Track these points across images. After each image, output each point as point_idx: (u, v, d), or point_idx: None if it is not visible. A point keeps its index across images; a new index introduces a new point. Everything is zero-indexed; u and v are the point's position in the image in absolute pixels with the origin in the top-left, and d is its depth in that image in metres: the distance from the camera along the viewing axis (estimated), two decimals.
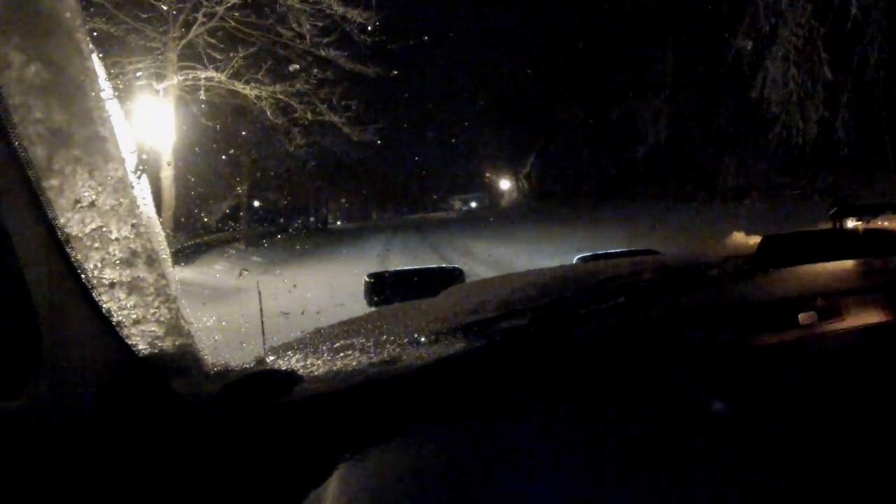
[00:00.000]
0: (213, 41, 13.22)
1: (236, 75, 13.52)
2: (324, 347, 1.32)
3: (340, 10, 13.07)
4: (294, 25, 13.38)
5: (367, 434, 1.00)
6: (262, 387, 1.08)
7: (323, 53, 13.99)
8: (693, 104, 18.64)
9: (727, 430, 0.99)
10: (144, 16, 12.46)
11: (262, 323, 1.55)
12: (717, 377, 1.20)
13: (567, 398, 1.12)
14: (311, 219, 39.03)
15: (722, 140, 17.74)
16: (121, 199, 0.85)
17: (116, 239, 0.86)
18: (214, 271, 15.45)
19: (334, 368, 1.19)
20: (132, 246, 0.88)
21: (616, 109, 21.63)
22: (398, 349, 1.27)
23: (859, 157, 11.65)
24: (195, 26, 12.88)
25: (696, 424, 1.01)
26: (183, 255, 15.66)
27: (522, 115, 33.18)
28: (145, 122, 12.06)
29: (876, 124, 11.18)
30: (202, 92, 13.72)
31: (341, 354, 1.28)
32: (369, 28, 13.49)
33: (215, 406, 1.01)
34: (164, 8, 12.55)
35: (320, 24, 13.48)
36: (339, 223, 48.65)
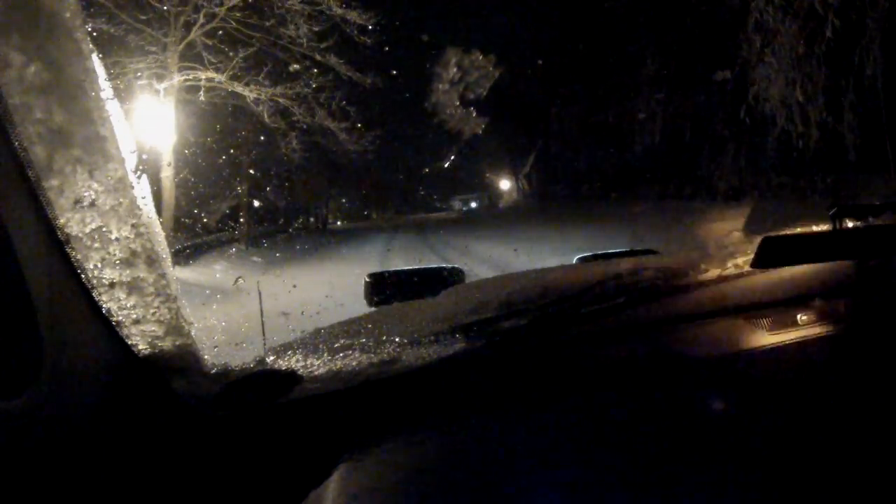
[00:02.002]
0: (214, 42, 13.23)
1: (237, 77, 13.53)
2: (324, 347, 1.32)
3: (340, 10, 13.09)
4: (291, 28, 13.40)
5: (367, 434, 1.00)
6: (262, 387, 1.08)
7: (320, 58, 14.02)
8: (692, 103, 18.63)
9: (727, 431, 0.99)
10: (144, 17, 12.48)
11: (263, 323, 1.55)
12: (716, 378, 1.20)
13: (567, 398, 1.12)
14: (311, 219, 38.91)
15: (721, 140, 17.72)
16: (121, 199, 0.85)
17: (116, 239, 0.86)
18: (214, 271, 15.42)
19: (334, 368, 1.19)
20: (132, 246, 0.88)
21: (615, 109, 21.62)
22: (398, 349, 1.27)
23: (859, 158, 11.63)
24: (195, 27, 12.89)
25: (695, 425, 1.01)
26: (183, 255, 15.65)
27: (522, 115, 33.15)
28: (145, 122, 12.07)
29: (876, 125, 11.15)
30: (202, 92, 13.73)
31: (341, 354, 1.28)
32: (369, 27, 13.52)
33: (215, 406, 1.01)
34: (165, 8, 12.57)
35: (318, 27, 13.51)
36: (339, 223, 48.47)
